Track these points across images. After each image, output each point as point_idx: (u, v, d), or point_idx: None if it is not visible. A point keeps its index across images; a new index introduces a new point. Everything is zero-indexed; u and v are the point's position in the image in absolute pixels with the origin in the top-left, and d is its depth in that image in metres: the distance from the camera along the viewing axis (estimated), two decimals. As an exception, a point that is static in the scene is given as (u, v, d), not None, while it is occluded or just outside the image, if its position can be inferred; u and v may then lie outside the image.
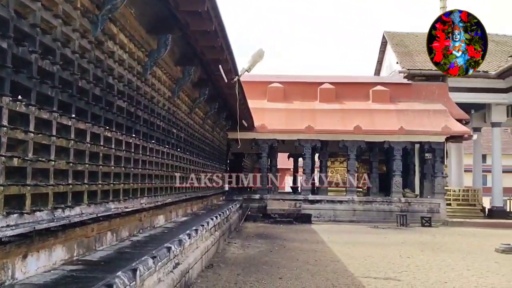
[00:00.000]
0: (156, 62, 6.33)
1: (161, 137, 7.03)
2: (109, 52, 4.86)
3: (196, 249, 6.76)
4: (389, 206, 17.22)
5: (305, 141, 17.18)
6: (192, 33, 6.44)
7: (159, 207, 7.13)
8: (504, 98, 20.00)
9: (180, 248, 5.59)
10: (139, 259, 4.24)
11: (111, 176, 4.97)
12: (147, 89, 6.27)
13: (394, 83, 19.41)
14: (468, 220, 17.45)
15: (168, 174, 7.53)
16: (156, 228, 6.86)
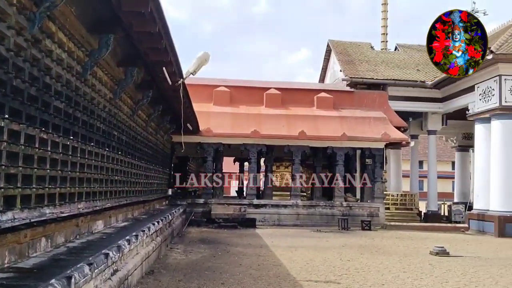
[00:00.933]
0: (97, 63, 6.13)
1: (101, 140, 6.81)
2: (46, 50, 4.66)
3: (136, 255, 6.59)
4: (332, 210, 17.61)
5: (251, 145, 17.26)
6: (135, 34, 6.30)
7: (98, 212, 6.90)
8: (440, 107, 21.03)
9: (119, 254, 5.43)
10: (74, 266, 4.07)
11: (47, 179, 4.75)
12: (87, 90, 6.06)
13: (337, 90, 19.91)
14: (405, 224, 18.15)
15: (108, 178, 7.31)
16: (95, 234, 6.62)
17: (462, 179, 26.50)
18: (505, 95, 16.53)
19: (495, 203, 16.51)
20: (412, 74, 20.71)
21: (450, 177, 36.78)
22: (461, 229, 17.48)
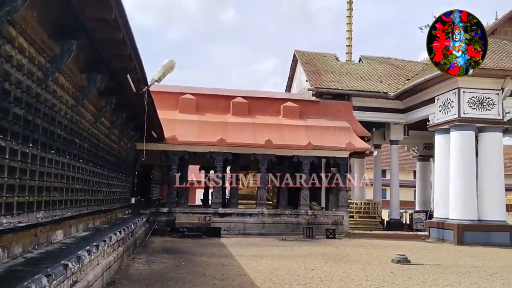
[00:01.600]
0: (59, 69, 6.00)
1: (62, 147, 6.65)
2: (6, 56, 4.53)
3: (96, 265, 6.44)
4: (297, 219, 17.71)
5: (217, 153, 17.20)
6: (99, 40, 6.21)
7: (58, 222, 6.72)
8: (402, 118, 21.56)
9: (78, 265, 5.30)
10: (32, 277, 3.95)
11: (4, 188, 4.61)
12: (48, 97, 5.92)
13: (303, 100, 20.13)
14: (369, 232, 18.44)
15: (68, 187, 7.13)
16: (54, 244, 6.44)
17: (423, 188, 27.19)
18: (463, 107, 17.12)
19: (454, 212, 17.01)
20: (376, 86, 21.18)
21: (412, 185, 37.69)
22: (422, 237, 17.90)
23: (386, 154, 30.09)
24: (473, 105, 17.16)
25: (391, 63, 24.32)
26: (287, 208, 18.16)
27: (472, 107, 17.15)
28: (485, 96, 17.21)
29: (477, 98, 17.19)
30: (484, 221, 16.76)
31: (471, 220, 16.65)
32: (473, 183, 17.03)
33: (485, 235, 16.47)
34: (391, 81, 21.89)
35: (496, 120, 17.22)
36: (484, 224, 16.68)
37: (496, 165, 17.23)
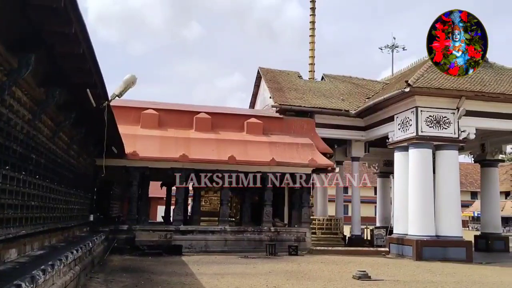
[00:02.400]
0: (16, 82, 5.82)
1: (17, 163, 6.41)
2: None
3: (52, 285, 6.19)
4: (260, 236, 17.66)
5: (179, 169, 17.01)
6: (58, 54, 6.07)
7: (11, 240, 6.43)
8: (363, 135, 22.02)
9: (32, 285, 5.07)
10: (-21, 301, 3.75)
11: (-49, 206, 4.38)
12: (3, 111, 5.71)
13: (267, 116, 20.26)
14: (331, 248, 18.56)
15: (24, 204, 6.86)
16: (7, 264, 6.16)
17: (383, 204, 27.72)
18: (421, 125, 17.64)
19: (413, 228, 17.38)
20: (337, 103, 21.57)
21: (373, 202, 38.38)
22: (382, 253, 18.17)
23: (348, 171, 30.57)
24: (430, 123, 17.71)
25: (352, 82, 24.88)
26: (250, 224, 18.10)
27: (429, 126, 17.70)
28: (442, 115, 17.81)
29: (434, 117, 17.76)
30: (442, 237, 17.19)
31: (429, 236, 17.05)
32: (431, 199, 17.49)
33: (442, 250, 16.89)
34: (353, 99, 22.36)
35: (452, 138, 17.81)
36: (442, 240, 17.11)
37: (453, 182, 17.77)
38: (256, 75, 24.73)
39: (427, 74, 18.30)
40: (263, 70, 23.99)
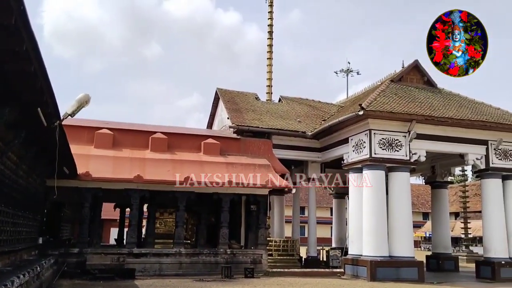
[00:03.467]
0: (-40, 100, 5.54)
1: (-42, 185, 6.07)
2: None
3: (-7, 316, 5.83)
4: (216, 258, 17.41)
5: (134, 191, 16.63)
6: (8, 72, 5.84)
7: (-51, 268, 6.04)
8: (319, 157, 22.34)
9: (-30, 317, 4.76)
10: None
11: None
12: None
13: (224, 137, 20.23)
14: (287, 270, 18.51)
15: (-36, 228, 6.48)
16: None
17: (339, 225, 28.05)
18: (374, 147, 18.11)
19: (367, 248, 17.65)
20: (294, 125, 21.86)
21: (329, 222, 38.79)
22: (337, 274, 18.30)
23: (304, 192, 30.86)
24: (383, 146, 18.21)
25: (309, 104, 25.32)
26: (206, 247, 17.83)
27: (382, 148, 18.19)
28: (394, 138, 18.36)
29: (387, 139, 18.29)
30: (395, 257, 17.53)
31: (383, 256, 17.35)
32: (384, 220, 17.86)
33: (395, 271, 17.20)
34: (309, 121, 22.73)
35: (404, 161, 18.35)
36: (395, 260, 17.44)
37: (405, 203, 18.24)
38: (214, 96, 24.77)
39: (379, 98, 18.90)
40: (221, 91, 24.05)
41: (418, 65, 21.89)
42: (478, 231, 34.21)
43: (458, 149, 19.59)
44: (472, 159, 19.66)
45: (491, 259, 19.03)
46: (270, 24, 28.02)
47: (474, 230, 38.19)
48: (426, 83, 21.94)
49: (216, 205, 18.23)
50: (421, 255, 23.75)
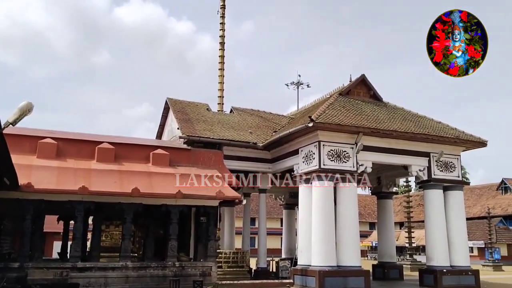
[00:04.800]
0: None
1: None
2: None
3: None
4: (164, 271, 17.02)
5: (78, 202, 16.04)
6: None
7: None
8: (270, 168, 22.51)
9: None
10: None
11: None
12: None
13: (174, 147, 19.94)
14: (237, 282, 18.42)
15: None
16: None
17: (289, 236, 28.28)
18: (323, 159, 18.45)
19: (316, 259, 17.86)
20: (245, 136, 21.92)
21: (279, 233, 38.97)
22: (287, 285, 18.39)
23: (255, 203, 30.92)
24: (331, 157, 18.60)
25: (260, 115, 25.50)
26: (153, 260, 17.41)
27: (331, 159, 18.57)
28: (342, 149, 18.81)
29: (335, 151, 18.70)
30: (342, 267, 17.85)
31: (331, 266, 17.62)
32: (332, 230, 18.17)
33: (343, 280, 17.50)
34: (260, 132, 22.87)
35: (351, 172, 18.79)
36: (342, 270, 17.75)
37: (352, 213, 18.65)
38: (164, 106, 24.46)
39: (328, 110, 19.32)
40: (171, 101, 23.79)
41: (365, 79, 22.63)
42: (422, 240, 35.45)
43: (402, 160, 20.30)
44: (415, 170, 20.43)
45: (433, 268, 19.74)
46: (222, 35, 28.09)
47: (418, 239, 39.58)
48: (372, 97, 22.67)
49: (165, 217, 17.87)
50: (367, 264, 24.34)
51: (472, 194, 58.92)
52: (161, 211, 17.49)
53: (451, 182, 20.78)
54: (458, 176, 21.21)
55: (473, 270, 20.47)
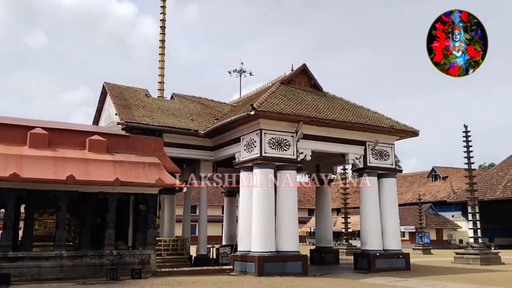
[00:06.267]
0: None
1: None
2: None
3: None
4: (101, 260, 16.66)
5: (8, 190, 15.29)
6: None
7: None
8: (211, 155, 22.44)
9: None
10: None
11: None
12: None
13: (112, 133, 19.38)
14: (176, 269, 18.30)
15: None
16: None
17: (229, 223, 28.41)
18: (264, 147, 18.63)
19: (255, 245, 18.11)
20: (187, 123, 21.69)
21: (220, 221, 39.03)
22: (227, 271, 18.53)
23: (196, 191, 30.74)
24: (272, 145, 18.82)
25: (202, 103, 25.29)
26: (90, 249, 16.95)
27: (272, 147, 18.79)
28: (283, 138, 19.07)
29: (276, 139, 18.93)
30: (282, 252, 18.22)
31: (270, 252, 17.94)
32: (272, 217, 18.47)
33: (282, 265, 17.87)
34: (202, 119, 22.70)
35: (291, 159, 19.13)
36: (281, 255, 18.12)
37: (291, 200, 19.03)
38: (101, 90, 23.64)
39: (270, 99, 19.49)
40: (109, 86, 23.04)
41: (306, 69, 22.99)
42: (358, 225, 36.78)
43: (340, 149, 20.91)
44: (352, 158, 21.13)
45: (367, 251, 20.59)
46: (163, 19, 27.41)
47: (354, 225, 41.04)
48: (313, 86, 23.09)
49: (102, 205, 17.42)
50: (306, 249, 24.98)
51: (405, 182, 61.91)
52: (98, 199, 17.04)
53: (385, 169, 21.67)
54: (392, 164, 22.15)
55: (404, 254, 21.55)
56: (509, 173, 49.48)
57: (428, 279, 17.04)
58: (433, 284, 15.20)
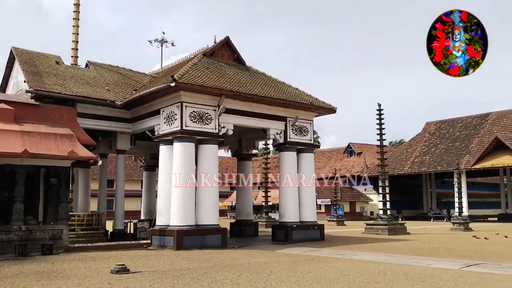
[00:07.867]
0: None
1: None
2: None
3: None
4: (8, 236, 15.68)
5: None
6: None
7: None
8: (129, 128, 21.66)
9: None
10: None
11: None
12: None
13: (20, 102, 18.04)
14: (91, 244, 17.66)
15: None
16: None
17: (148, 198, 27.88)
18: (185, 120, 18.29)
19: (174, 219, 17.92)
20: (102, 93, 20.69)
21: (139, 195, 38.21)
22: (144, 245, 18.21)
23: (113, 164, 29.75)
24: (194, 118, 18.52)
25: (119, 72, 24.22)
26: (-5, 224, 15.87)
27: (193, 121, 18.49)
28: (205, 111, 18.82)
29: (198, 112, 18.64)
30: (201, 225, 18.20)
31: (189, 225, 17.85)
32: (192, 191, 18.32)
33: (201, 238, 17.87)
34: (119, 90, 21.76)
35: (213, 134, 18.99)
36: (201, 229, 18.10)
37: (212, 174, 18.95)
38: (9, 55, 21.85)
39: (192, 71, 19.09)
40: (17, 51, 21.33)
41: (229, 42, 22.72)
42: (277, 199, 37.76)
43: (262, 124, 21.09)
44: (273, 133, 21.41)
45: (284, 223, 21.17)
46: (79, -19, 25.66)
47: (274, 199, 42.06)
48: (235, 60, 22.91)
49: (9, 178, 16.29)
50: (226, 223, 25.21)
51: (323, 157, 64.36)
52: (5, 171, 15.91)
53: (304, 145, 22.23)
54: (311, 139, 22.76)
55: (319, 225, 22.45)
56: (417, 150, 53.14)
57: (340, 248, 17.90)
58: (344, 253, 15.97)
